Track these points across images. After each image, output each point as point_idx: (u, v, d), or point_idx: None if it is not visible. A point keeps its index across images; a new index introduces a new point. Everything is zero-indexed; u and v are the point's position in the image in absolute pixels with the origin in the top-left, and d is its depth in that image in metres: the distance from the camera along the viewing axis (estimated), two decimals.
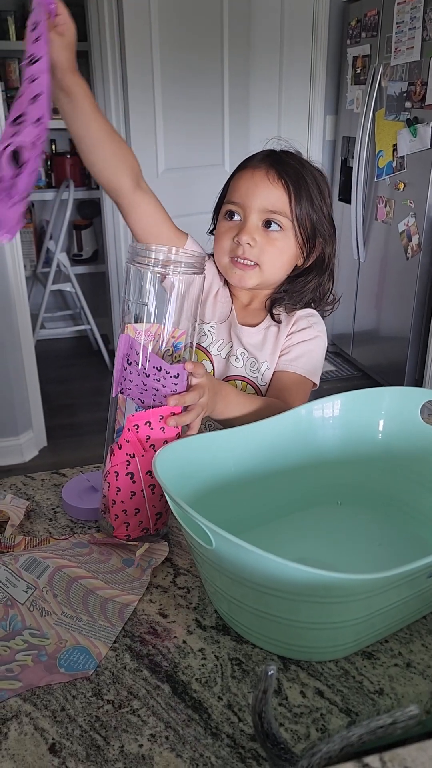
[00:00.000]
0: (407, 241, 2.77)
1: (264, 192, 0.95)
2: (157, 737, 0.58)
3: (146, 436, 0.77)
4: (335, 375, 3.33)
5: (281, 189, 0.95)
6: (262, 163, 0.96)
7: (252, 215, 0.95)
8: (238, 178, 0.98)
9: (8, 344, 2.34)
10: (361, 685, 0.63)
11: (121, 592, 0.73)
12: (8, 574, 0.73)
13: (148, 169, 2.72)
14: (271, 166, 0.95)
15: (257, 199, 0.95)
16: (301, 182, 0.95)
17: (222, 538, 0.57)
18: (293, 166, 0.96)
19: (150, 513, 0.80)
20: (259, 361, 1.03)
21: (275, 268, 0.99)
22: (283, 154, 0.98)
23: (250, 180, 0.96)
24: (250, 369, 1.04)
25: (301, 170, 0.96)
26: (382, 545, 0.82)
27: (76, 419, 2.81)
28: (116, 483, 0.78)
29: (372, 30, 2.89)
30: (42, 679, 0.62)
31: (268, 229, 0.96)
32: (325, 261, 1.01)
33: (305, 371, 1.01)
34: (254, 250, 0.96)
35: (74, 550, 0.80)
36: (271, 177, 0.95)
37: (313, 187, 0.97)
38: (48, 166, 3.64)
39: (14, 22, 3.31)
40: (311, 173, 0.98)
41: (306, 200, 0.96)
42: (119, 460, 0.77)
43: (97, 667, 0.64)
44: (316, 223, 0.97)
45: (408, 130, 2.67)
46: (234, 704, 0.61)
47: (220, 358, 1.06)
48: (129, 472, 0.77)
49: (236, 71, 2.82)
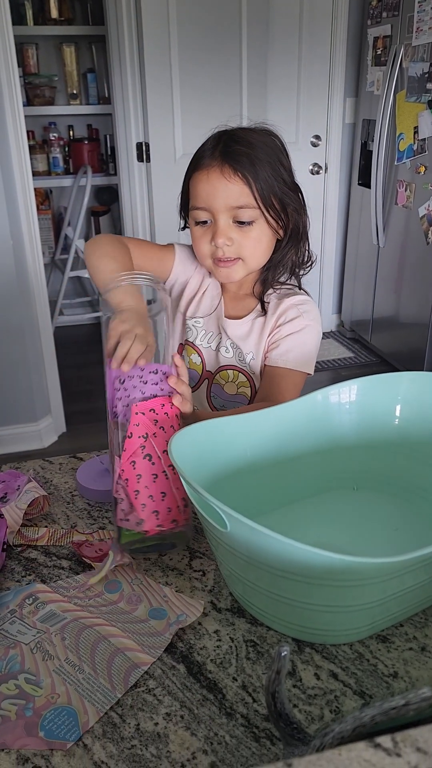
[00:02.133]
0: (428, 225, 2.73)
1: (224, 192, 0.94)
2: (172, 716, 0.59)
3: (153, 420, 0.77)
4: (354, 362, 3.31)
5: (240, 182, 0.93)
6: (214, 161, 0.95)
7: (220, 217, 0.96)
8: (196, 181, 0.97)
9: (27, 331, 2.36)
10: (375, 668, 0.63)
11: (136, 647, 0.66)
12: (21, 626, 0.69)
13: (166, 154, 2.72)
14: (223, 162, 0.94)
15: (220, 200, 0.95)
16: (257, 166, 0.94)
17: (237, 522, 0.57)
18: (244, 151, 0.94)
19: (177, 496, 0.79)
20: (244, 352, 1.05)
21: (257, 255, 1.00)
22: (231, 140, 0.96)
23: (207, 183, 0.95)
24: (239, 359, 1.07)
25: (253, 151, 0.94)
26: (398, 530, 0.82)
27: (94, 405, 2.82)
28: (135, 471, 0.77)
29: (393, 9, 2.83)
30: (16, 741, 0.57)
31: (240, 225, 0.96)
32: (299, 228, 1.01)
33: (296, 364, 1.02)
34: (232, 248, 0.97)
35: (104, 596, 0.74)
36: (226, 174, 0.93)
37: (268, 162, 0.95)
38: (66, 152, 3.64)
39: (31, 7, 3.30)
40: (263, 145, 0.96)
41: (266, 181, 0.95)
42: (133, 447, 0.77)
43: (78, 739, 0.57)
44: (282, 198, 0.97)
45: (429, 112, 2.62)
46: (248, 685, 0.62)
47: (210, 350, 1.08)
48: (147, 454, 0.77)
49: (254, 53, 2.78)
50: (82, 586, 0.75)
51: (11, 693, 0.62)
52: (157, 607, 0.72)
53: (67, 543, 0.83)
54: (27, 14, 3.30)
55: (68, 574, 0.78)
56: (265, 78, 2.86)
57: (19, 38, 3.36)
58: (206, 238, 0.98)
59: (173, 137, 2.69)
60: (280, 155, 0.98)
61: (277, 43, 2.92)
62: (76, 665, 0.64)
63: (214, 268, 1.02)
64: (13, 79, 2.11)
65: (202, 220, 0.98)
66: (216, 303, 1.09)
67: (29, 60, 3.46)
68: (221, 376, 1.08)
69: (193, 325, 1.09)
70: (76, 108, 3.59)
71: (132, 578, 0.76)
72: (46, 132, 3.60)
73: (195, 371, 1.10)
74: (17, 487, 0.90)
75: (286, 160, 0.99)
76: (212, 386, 1.09)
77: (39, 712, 0.60)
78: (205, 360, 1.09)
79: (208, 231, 0.98)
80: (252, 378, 1.06)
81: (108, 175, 3.63)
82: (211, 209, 0.96)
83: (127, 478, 0.77)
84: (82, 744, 0.57)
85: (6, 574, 0.78)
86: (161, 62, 2.60)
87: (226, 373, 1.07)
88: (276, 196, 0.96)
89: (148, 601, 0.73)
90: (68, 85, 3.57)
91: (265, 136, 0.98)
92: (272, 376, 1.02)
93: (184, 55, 2.63)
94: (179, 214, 1.06)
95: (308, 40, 3.01)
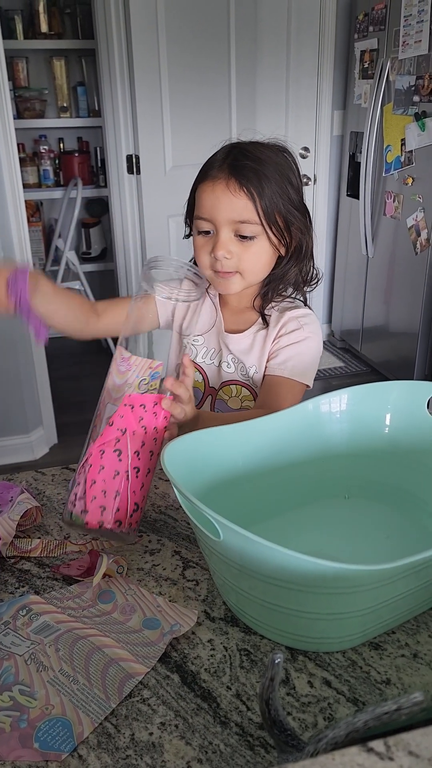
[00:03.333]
0: (416, 236, 2.76)
1: (228, 206, 0.94)
2: (167, 725, 0.59)
3: (140, 417, 0.78)
4: (344, 371, 3.33)
5: (244, 198, 0.94)
6: (221, 173, 0.95)
7: (222, 229, 0.96)
8: (202, 192, 0.98)
9: (18, 342, 2.36)
10: (368, 676, 0.64)
11: (130, 657, 0.66)
12: (15, 638, 0.69)
13: (156, 167, 2.73)
14: (230, 176, 0.94)
15: (223, 212, 0.95)
16: (263, 183, 0.94)
17: (230, 530, 0.58)
18: (252, 167, 0.94)
19: (129, 500, 0.78)
20: (247, 365, 1.05)
21: (256, 271, 1.01)
22: (240, 154, 0.96)
23: (212, 194, 0.95)
24: (241, 374, 1.07)
25: (261, 167, 0.94)
26: (389, 537, 0.82)
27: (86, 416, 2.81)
28: (101, 461, 0.78)
29: (380, 24, 2.88)
30: (11, 753, 0.57)
31: (242, 239, 0.97)
32: (302, 248, 1.02)
33: (294, 374, 1.02)
34: (231, 261, 0.98)
35: (97, 607, 0.74)
36: (232, 188, 0.94)
37: (276, 180, 0.95)
38: (56, 165, 3.65)
39: (21, 21, 3.32)
40: (273, 163, 0.96)
41: (272, 199, 0.95)
42: (109, 437, 0.78)
43: (73, 750, 0.57)
44: (287, 216, 0.97)
45: (416, 125, 2.66)
46: (242, 694, 0.62)
47: (213, 367, 1.08)
48: (117, 449, 0.77)
49: (243, 67, 2.81)
50: (76, 596, 0.76)
51: (5, 705, 0.62)
52: (151, 617, 0.72)
53: (60, 554, 0.83)
54: (17, 28, 3.32)
55: (62, 585, 0.78)
56: (253, 90, 2.89)
57: (9, 52, 3.37)
58: (207, 249, 0.99)
59: (163, 150, 2.71)
60: (290, 173, 0.98)
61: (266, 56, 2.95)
62: (70, 676, 0.64)
63: (213, 279, 1.02)
64: (3, 93, 2.13)
65: (205, 230, 0.98)
66: (214, 319, 1.09)
67: (19, 73, 3.47)
68: (224, 392, 1.08)
69: (192, 344, 1.09)
70: (66, 121, 3.61)
71: (125, 588, 0.77)
72: (37, 144, 3.62)
73: (198, 389, 1.09)
74: (10, 499, 0.90)
75: (296, 178, 0.99)
76: (216, 402, 1.09)
77: (33, 723, 0.60)
78: (208, 376, 1.09)
79: (210, 241, 0.98)
80: (255, 391, 1.06)
81: (98, 187, 3.65)
82: (214, 221, 0.96)
83: (91, 464, 0.78)
84: (77, 755, 0.57)
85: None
86: (151, 76, 2.63)
87: (229, 389, 1.07)
88: (280, 214, 0.96)
89: (142, 611, 0.73)
90: (58, 98, 3.59)
91: (277, 153, 0.98)
92: (270, 384, 1.03)
93: (173, 69, 2.65)
94: (184, 222, 1.06)
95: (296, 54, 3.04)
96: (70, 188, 3.47)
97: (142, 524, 0.88)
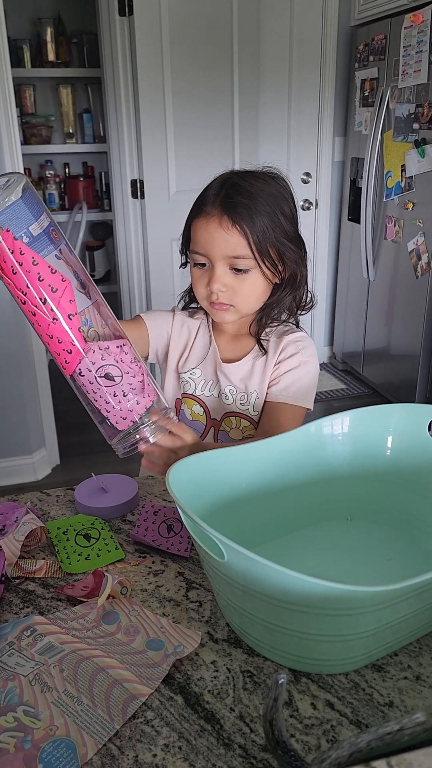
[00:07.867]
0: (416, 259, 2.79)
1: (222, 243, 0.96)
2: (170, 747, 0.59)
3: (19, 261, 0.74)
4: (346, 393, 3.34)
5: (237, 234, 0.95)
6: (214, 210, 0.96)
7: (217, 264, 0.98)
8: (196, 227, 0.99)
9: (23, 363, 2.38)
10: (371, 698, 0.64)
11: (134, 678, 0.66)
12: (19, 658, 0.69)
13: (160, 191, 2.77)
14: (223, 213, 0.95)
15: (217, 248, 0.97)
16: (255, 218, 0.95)
17: (234, 551, 0.58)
18: (244, 203, 0.95)
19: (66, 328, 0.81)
20: (249, 392, 1.07)
21: (250, 303, 1.03)
22: (233, 189, 0.96)
23: (206, 231, 0.97)
24: (240, 403, 1.08)
25: (253, 202, 0.95)
26: (392, 559, 0.83)
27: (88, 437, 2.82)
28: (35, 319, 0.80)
29: (379, 53, 2.94)
30: None
31: (237, 272, 0.98)
32: (297, 277, 1.03)
33: (296, 399, 1.04)
34: (226, 294, 1.00)
35: (101, 628, 0.74)
36: (224, 226, 0.95)
37: (268, 213, 0.96)
38: (62, 189, 3.71)
39: (29, 50, 3.40)
40: (265, 194, 0.97)
41: (264, 233, 0.96)
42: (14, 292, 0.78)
43: None
44: (279, 248, 0.98)
45: (416, 151, 2.70)
46: (246, 715, 0.62)
47: (213, 398, 1.10)
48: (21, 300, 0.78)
49: (246, 95, 2.87)
50: (80, 617, 0.76)
51: (10, 725, 0.62)
52: (155, 638, 0.72)
53: (64, 575, 0.84)
54: (25, 57, 3.40)
55: (66, 606, 0.78)
56: (256, 117, 2.94)
57: (18, 80, 3.45)
58: (203, 281, 1.01)
59: (167, 175, 2.76)
60: (282, 203, 0.99)
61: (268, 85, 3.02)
62: (74, 697, 0.64)
63: (210, 309, 1.05)
64: (12, 119, 2.18)
65: (201, 263, 1.01)
66: (207, 349, 1.10)
67: (27, 100, 3.55)
68: (226, 423, 1.09)
69: (189, 378, 1.10)
70: (72, 146, 3.67)
71: (129, 609, 0.77)
72: (43, 169, 3.68)
73: (199, 422, 1.10)
74: (15, 519, 0.91)
75: (288, 207, 1.00)
76: (219, 433, 1.10)
77: (38, 744, 0.60)
78: (209, 408, 1.10)
79: (206, 274, 1.00)
80: (255, 422, 1.07)
81: (103, 210, 3.70)
82: (209, 256, 0.98)
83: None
84: None
85: (4, 607, 0.78)
86: (155, 103, 2.68)
87: (229, 420, 1.09)
88: (273, 246, 0.97)
89: (146, 632, 0.73)
90: (65, 125, 3.65)
91: (270, 183, 0.99)
92: (272, 410, 1.04)
93: (177, 96, 2.71)
94: (180, 252, 1.08)
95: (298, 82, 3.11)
96: (75, 212, 3.52)
97: (144, 547, 0.88)
